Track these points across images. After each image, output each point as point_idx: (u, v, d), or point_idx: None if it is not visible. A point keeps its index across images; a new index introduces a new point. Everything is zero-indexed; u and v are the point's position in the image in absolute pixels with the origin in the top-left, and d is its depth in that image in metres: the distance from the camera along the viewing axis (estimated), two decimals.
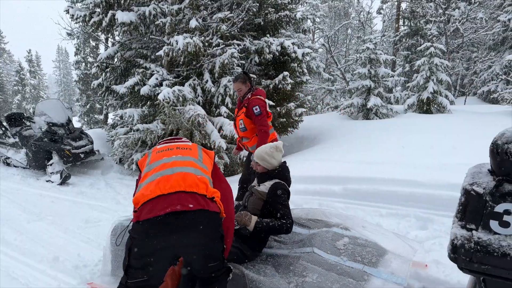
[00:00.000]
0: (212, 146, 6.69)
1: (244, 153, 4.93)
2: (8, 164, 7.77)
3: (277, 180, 2.82)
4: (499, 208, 1.54)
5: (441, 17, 17.57)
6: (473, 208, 1.60)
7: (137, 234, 1.99)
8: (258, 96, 3.93)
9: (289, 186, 2.89)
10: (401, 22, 21.27)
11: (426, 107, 11.32)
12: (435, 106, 11.31)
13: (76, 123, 21.71)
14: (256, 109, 3.80)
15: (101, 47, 20.65)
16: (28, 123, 7.85)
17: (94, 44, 20.99)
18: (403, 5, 20.86)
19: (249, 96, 3.90)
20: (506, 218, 1.53)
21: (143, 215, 1.94)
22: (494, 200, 1.55)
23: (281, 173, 2.89)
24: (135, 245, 2.01)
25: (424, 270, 2.86)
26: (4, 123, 8.27)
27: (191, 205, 1.94)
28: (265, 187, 2.80)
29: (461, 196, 1.67)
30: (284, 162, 3.01)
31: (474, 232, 1.59)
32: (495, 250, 1.52)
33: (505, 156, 1.56)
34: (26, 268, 3.41)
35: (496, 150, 1.60)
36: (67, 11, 8.23)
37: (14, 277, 3.21)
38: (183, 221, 1.94)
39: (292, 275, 2.42)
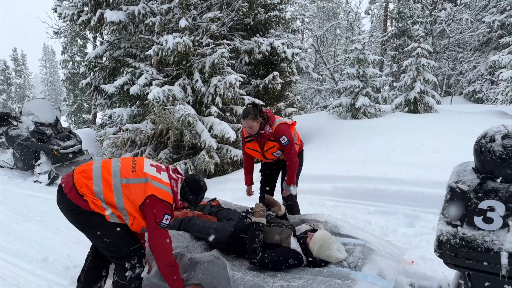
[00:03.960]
0: (203, 146, 6.69)
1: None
2: None
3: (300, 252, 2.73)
4: (483, 204, 1.59)
5: (428, 18, 17.82)
6: (458, 205, 1.66)
7: None
8: (279, 122, 3.54)
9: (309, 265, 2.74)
10: (388, 23, 21.47)
11: (413, 106, 11.51)
12: (422, 105, 11.49)
13: (64, 122, 21.39)
14: (283, 139, 3.45)
15: (89, 46, 20.37)
16: (15, 123, 7.73)
17: (81, 43, 20.68)
18: (391, 6, 21.06)
19: (270, 130, 3.48)
20: (489, 214, 1.58)
21: None
22: (478, 197, 1.60)
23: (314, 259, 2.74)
24: None
25: (412, 266, 2.92)
26: None
27: (63, 185, 2.43)
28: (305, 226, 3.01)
29: (446, 194, 1.72)
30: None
31: (459, 228, 1.65)
32: (479, 245, 1.58)
33: (488, 154, 1.62)
34: (15, 269, 3.36)
35: (480, 149, 1.66)
36: (55, 10, 8.14)
37: (3, 278, 3.17)
38: (58, 196, 2.48)
39: (278, 279, 2.46)
